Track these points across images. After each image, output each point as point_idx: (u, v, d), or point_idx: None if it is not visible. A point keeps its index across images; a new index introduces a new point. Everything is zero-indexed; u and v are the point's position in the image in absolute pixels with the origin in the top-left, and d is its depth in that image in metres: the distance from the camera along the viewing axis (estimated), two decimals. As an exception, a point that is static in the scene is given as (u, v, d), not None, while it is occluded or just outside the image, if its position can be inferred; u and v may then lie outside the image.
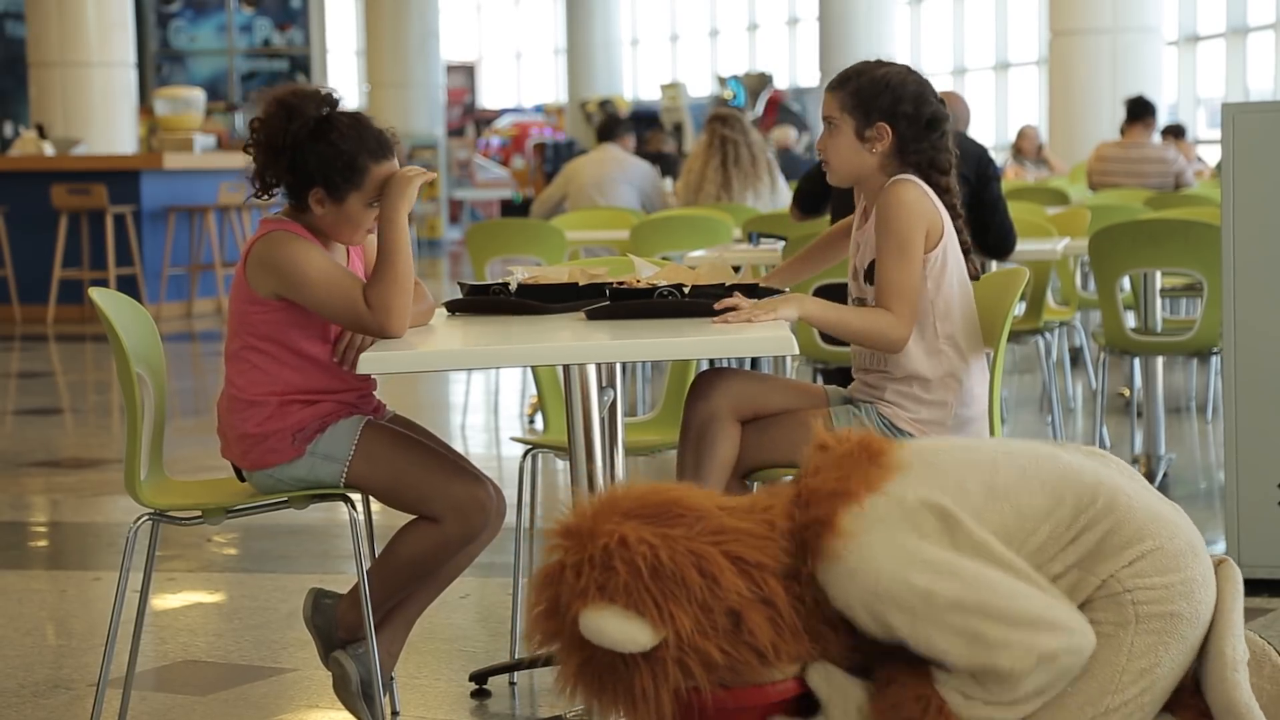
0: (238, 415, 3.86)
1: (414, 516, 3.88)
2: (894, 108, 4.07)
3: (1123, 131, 12.23)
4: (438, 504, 3.82)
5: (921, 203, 3.99)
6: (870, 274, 4.02)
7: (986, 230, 6.38)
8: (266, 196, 3.85)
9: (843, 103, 4.08)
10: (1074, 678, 2.79)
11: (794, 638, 2.76)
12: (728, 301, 3.70)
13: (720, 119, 9.84)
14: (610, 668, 2.72)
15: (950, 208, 4.08)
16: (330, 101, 3.81)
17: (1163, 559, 2.82)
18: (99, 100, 17.37)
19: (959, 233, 4.08)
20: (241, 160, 3.94)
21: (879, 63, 4.18)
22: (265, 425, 3.83)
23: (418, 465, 3.86)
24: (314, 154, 3.74)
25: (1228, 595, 2.87)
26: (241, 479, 3.95)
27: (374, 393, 4.01)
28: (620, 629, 2.67)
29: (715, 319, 3.66)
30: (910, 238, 3.94)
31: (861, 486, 2.78)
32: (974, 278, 4.16)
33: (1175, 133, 14.33)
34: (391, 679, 4.03)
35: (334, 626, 3.94)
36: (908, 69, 4.16)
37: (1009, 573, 2.74)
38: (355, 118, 3.79)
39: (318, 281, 3.74)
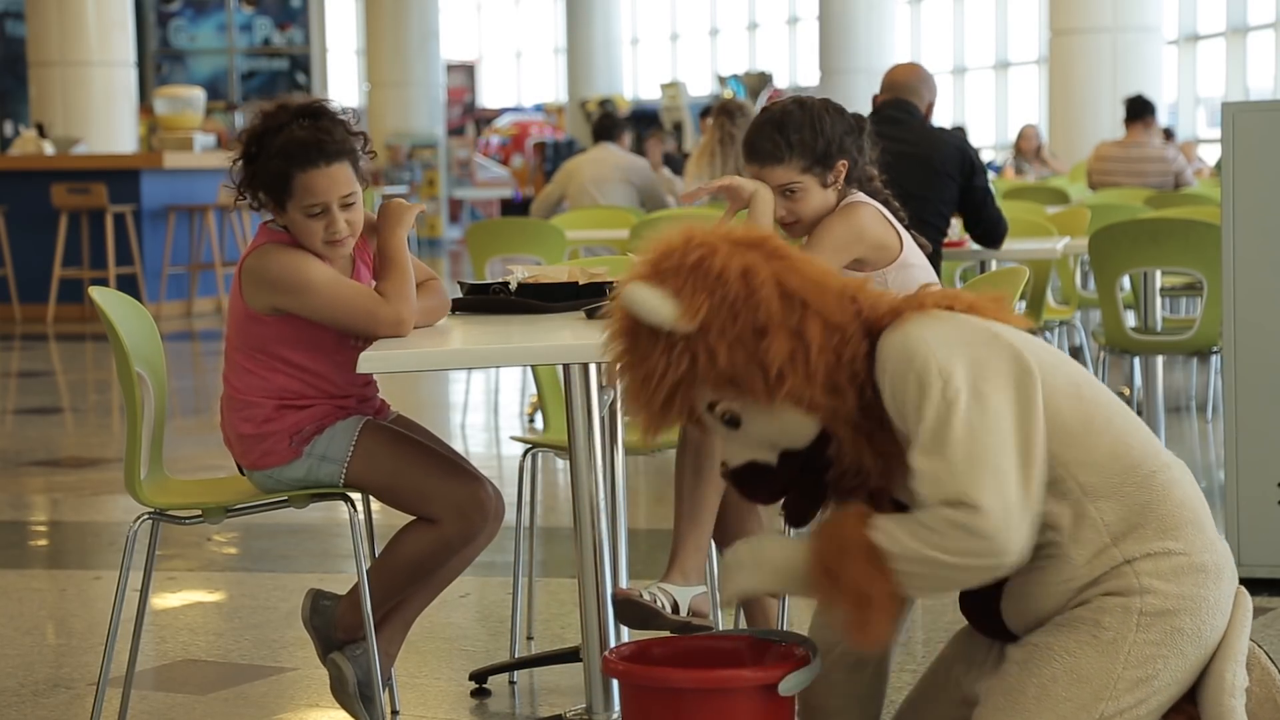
0: (235, 414, 3.87)
1: (413, 517, 3.88)
2: (842, 140, 4.11)
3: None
4: (437, 504, 3.82)
5: (866, 226, 4.06)
6: None
7: (976, 223, 6.38)
8: (242, 202, 3.84)
9: (801, 166, 4.09)
10: (1067, 677, 2.78)
11: (807, 380, 2.81)
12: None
13: (726, 112, 9.60)
14: (635, 343, 2.86)
15: (885, 202, 4.16)
16: (304, 112, 3.75)
17: (1185, 568, 2.80)
18: (99, 100, 17.37)
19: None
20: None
21: (781, 109, 4.19)
22: (262, 427, 3.83)
23: (416, 465, 3.86)
24: (258, 169, 3.75)
25: (1236, 621, 2.86)
26: (241, 471, 3.96)
27: (377, 394, 4.01)
28: (650, 300, 2.82)
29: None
30: (830, 247, 4.04)
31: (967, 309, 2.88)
32: (926, 251, 4.24)
33: (1165, 134, 14.33)
34: (390, 677, 4.03)
35: (333, 627, 3.94)
36: (801, 99, 4.21)
37: (1021, 452, 2.74)
38: (305, 128, 3.72)
39: (321, 285, 3.74)
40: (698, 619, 3.83)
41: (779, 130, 4.10)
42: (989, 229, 6.37)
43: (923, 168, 6.15)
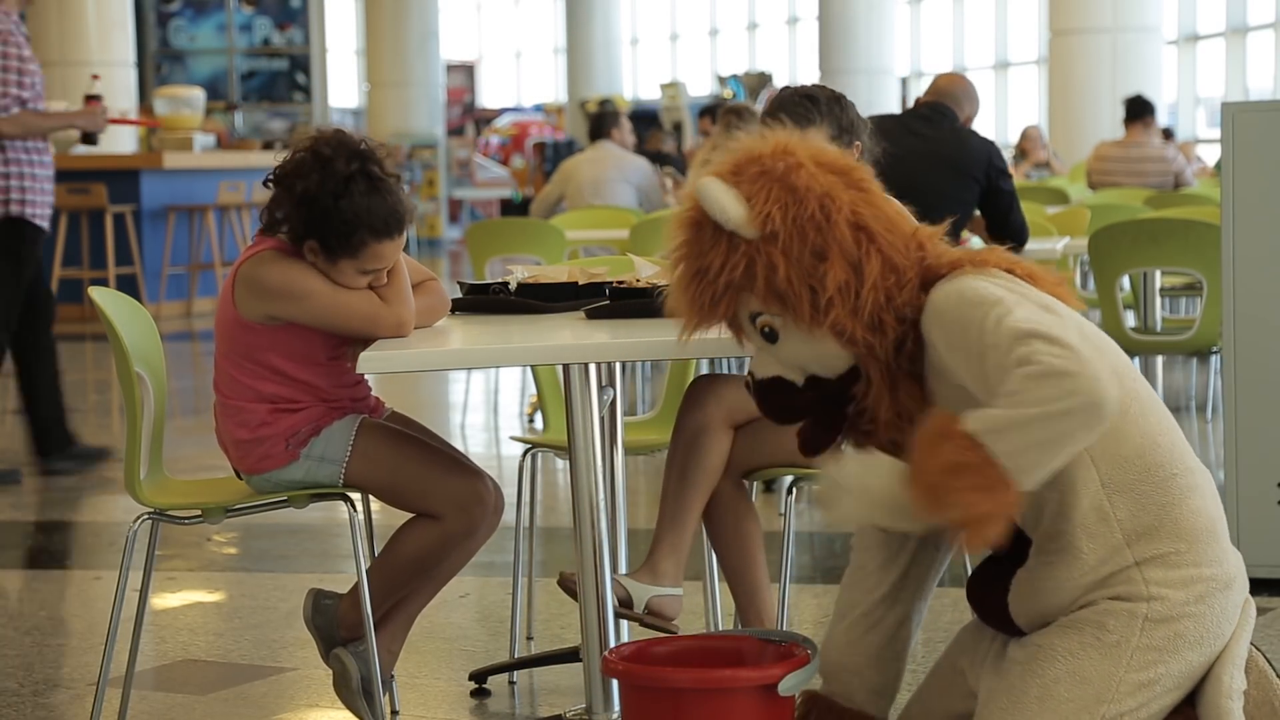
0: (229, 420, 3.86)
1: (412, 514, 3.88)
2: (855, 123, 4.13)
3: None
4: (437, 500, 3.82)
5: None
6: None
7: (1001, 227, 6.43)
8: (270, 228, 3.81)
9: (830, 134, 4.08)
10: (1069, 679, 2.78)
11: (854, 313, 2.81)
12: None
13: (734, 111, 9.58)
14: (698, 236, 2.86)
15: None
16: (363, 157, 3.70)
17: (1194, 577, 2.80)
18: (99, 100, 17.34)
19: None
20: (241, 160, 3.95)
21: (804, 87, 4.23)
22: (257, 431, 3.82)
23: (415, 462, 3.85)
24: (320, 211, 3.66)
25: (1238, 626, 2.86)
26: (238, 475, 3.95)
27: (370, 393, 4.01)
28: (723, 198, 2.82)
29: None
30: None
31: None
32: None
33: (1164, 134, 14.33)
34: (391, 677, 4.03)
35: (335, 626, 3.94)
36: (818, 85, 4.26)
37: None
38: (375, 186, 3.68)
39: (322, 291, 3.72)
40: (652, 618, 3.84)
41: (809, 99, 4.13)
42: (1013, 234, 6.42)
43: (948, 167, 6.23)
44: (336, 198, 3.65)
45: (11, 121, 7.14)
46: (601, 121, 10.72)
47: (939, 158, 6.22)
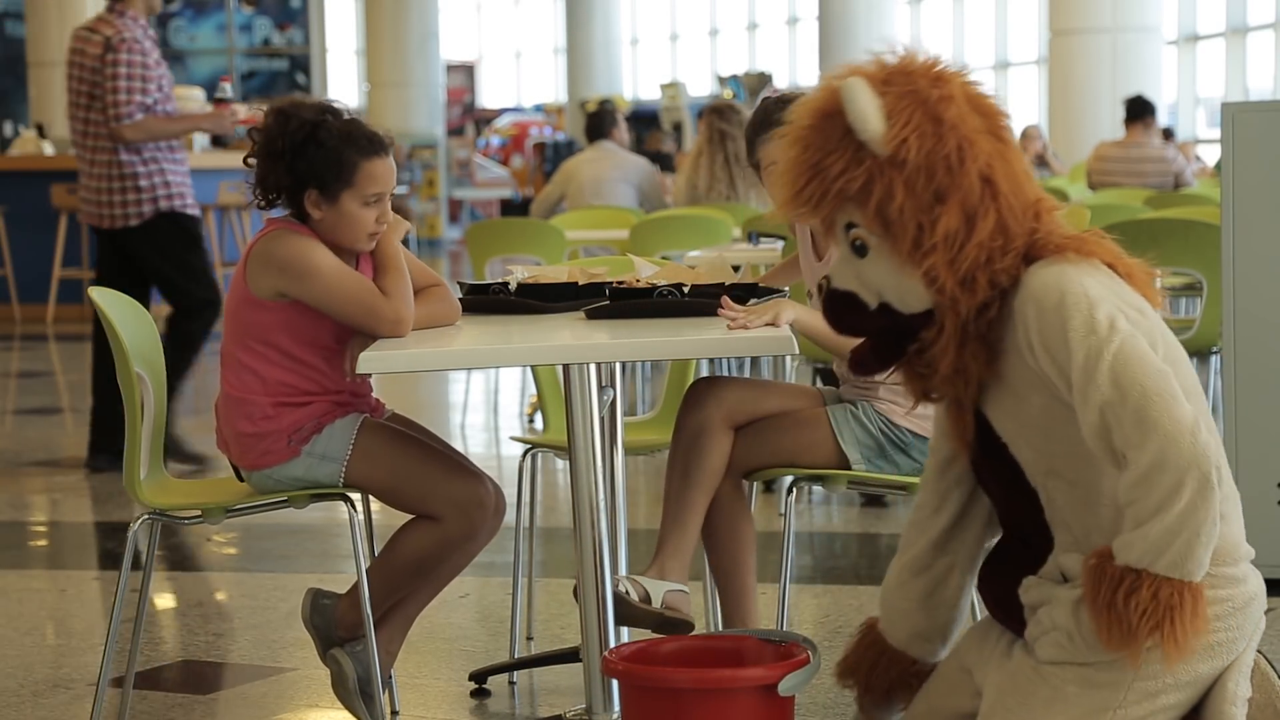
0: (233, 413, 3.87)
1: (412, 515, 3.88)
2: None
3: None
4: (437, 502, 3.82)
5: None
6: None
7: None
8: (267, 204, 3.85)
9: None
10: (1078, 683, 2.77)
11: (951, 264, 2.74)
12: (722, 312, 3.65)
13: (716, 111, 9.49)
14: (827, 128, 2.78)
15: None
16: (328, 109, 3.82)
17: (1211, 598, 2.75)
18: (99, 100, 17.34)
19: None
20: (240, 160, 3.96)
21: (786, 93, 4.23)
22: (260, 425, 3.83)
23: (416, 463, 3.85)
24: (306, 156, 3.76)
25: (1250, 639, 2.85)
26: (241, 479, 3.96)
27: (371, 391, 4.01)
28: (865, 105, 2.73)
29: (727, 324, 3.60)
30: None
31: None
32: None
33: (1164, 134, 14.33)
34: (390, 677, 4.03)
35: (333, 626, 3.94)
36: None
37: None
38: (348, 121, 3.82)
39: (328, 272, 3.74)
40: (671, 612, 3.84)
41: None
42: None
43: None
44: (314, 136, 3.75)
45: (136, 128, 7.36)
46: (600, 121, 10.65)
47: None
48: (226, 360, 3.89)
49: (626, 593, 3.77)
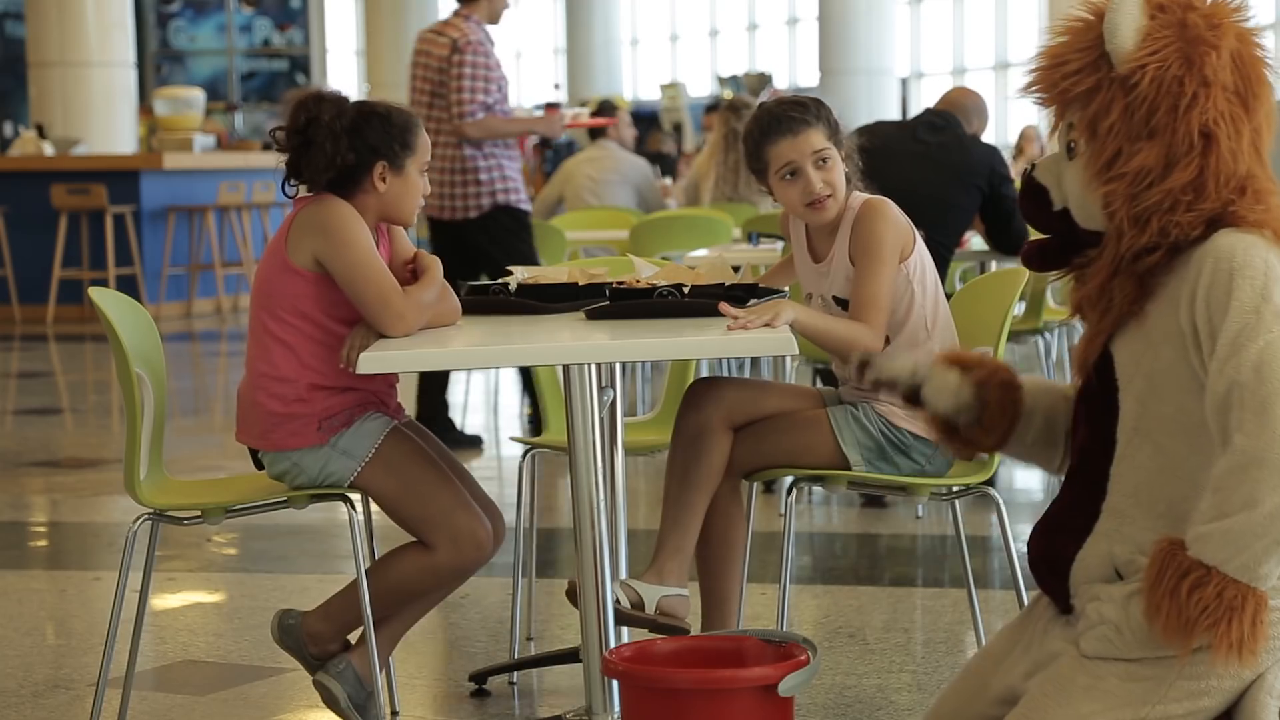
0: (263, 392, 3.85)
1: (407, 532, 3.88)
2: (839, 127, 4.10)
3: None
4: (435, 530, 3.82)
5: (900, 219, 4.01)
6: (844, 301, 4.01)
7: (1003, 233, 6.46)
8: (321, 187, 3.86)
9: (826, 134, 4.05)
10: (1120, 675, 2.74)
11: (1130, 199, 2.71)
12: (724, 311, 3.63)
13: (733, 108, 9.46)
14: (1088, 27, 2.77)
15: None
16: (338, 95, 3.93)
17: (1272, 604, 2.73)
18: (99, 100, 17.35)
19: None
20: (241, 160, 3.97)
21: (786, 96, 4.22)
22: (292, 406, 3.82)
23: (428, 486, 3.85)
24: (370, 129, 3.84)
25: None
26: (258, 465, 3.94)
27: (397, 383, 4.02)
28: (1125, 21, 2.72)
29: (728, 324, 3.58)
30: (888, 252, 3.96)
31: None
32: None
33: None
34: (376, 690, 3.98)
35: (303, 644, 3.95)
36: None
37: None
38: (384, 105, 3.94)
39: (363, 248, 3.77)
40: (665, 618, 3.84)
41: (798, 104, 4.09)
42: (1014, 239, 6.44)
43: (948, 173, 6.27)
44: (369, 110, 3.87)
45: (477, 126, 7.79)
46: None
47: (940, 163, 6.26)
48: (258, 339, 3.86)
49: (618, 600, 3.77)
